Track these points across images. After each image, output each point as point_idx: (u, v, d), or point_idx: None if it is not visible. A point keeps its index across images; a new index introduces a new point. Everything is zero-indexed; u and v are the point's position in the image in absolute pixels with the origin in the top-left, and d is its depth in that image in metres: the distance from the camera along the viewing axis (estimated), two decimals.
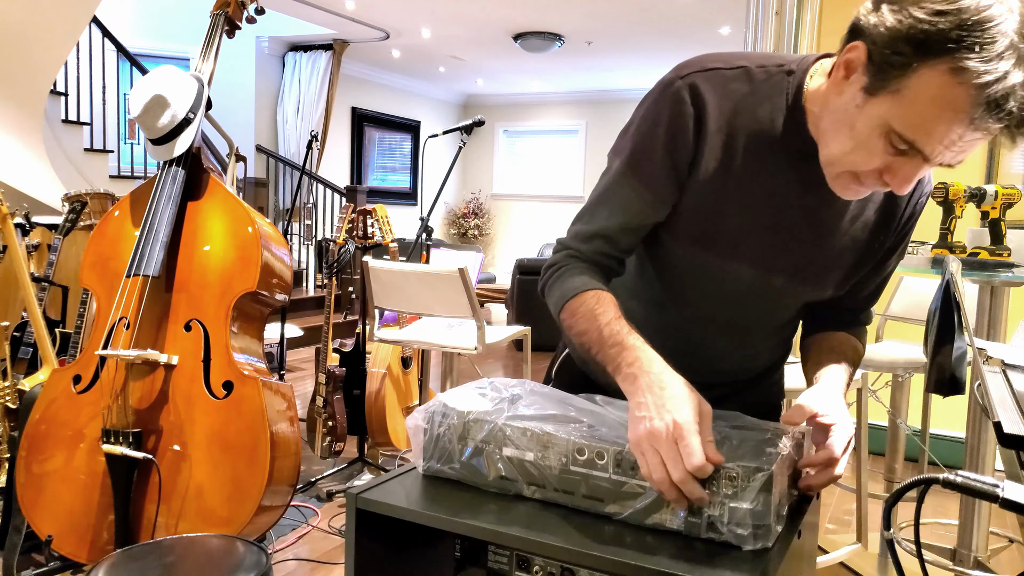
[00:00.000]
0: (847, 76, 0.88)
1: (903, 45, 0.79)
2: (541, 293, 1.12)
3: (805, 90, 0.97)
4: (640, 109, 1.03)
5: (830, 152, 0.93)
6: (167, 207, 2.15)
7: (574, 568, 0.88)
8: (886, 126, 0.84)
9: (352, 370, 3.27)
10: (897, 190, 0.90)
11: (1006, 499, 0.67)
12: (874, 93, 0.84)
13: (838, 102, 0.90)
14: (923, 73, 0.79)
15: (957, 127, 0.80)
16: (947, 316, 1.06)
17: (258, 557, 1.44)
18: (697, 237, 1.03)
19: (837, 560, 2.48)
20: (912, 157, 0.85)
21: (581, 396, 1.01)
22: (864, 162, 0.89)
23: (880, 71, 0.82)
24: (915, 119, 0.81)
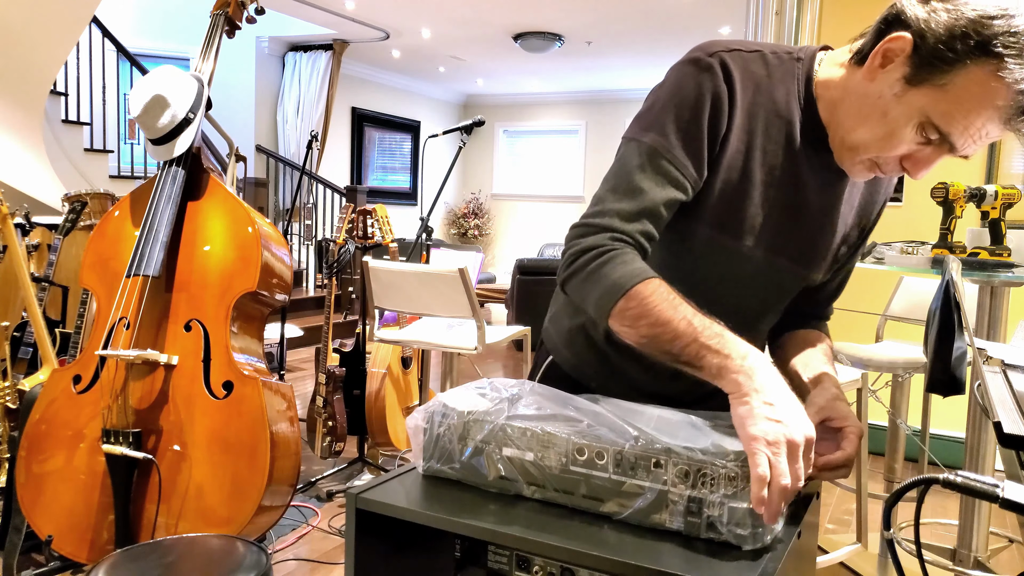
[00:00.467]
0: (883, 65, 0.90)
1: (957, 43, 0.84)
2: (564, 281, 1.00)
3: (815, 78, 1.01)
4: (668, 84, 1.01)
5: (857, 138, 0.95)
6: (167, 207, 2.15)
7: (574, 568, 0.88)
8: (924, 116, 0.88)
9: (352, 370, 3.27)
10: (914, 176, 0.94)
11: (1006, 499, 0.67)
12: (916, 84, 0.87)
13: (869, 88, 0.93)
14: (971, 70, 0.84)
15: (990, 124, 0.86)
16: (947, 316, 1.06)
17: (258, 557, 1.44)
18: (720, 217, 1.03)
19: (837, 560, 2.48)
20: (938, 147, 0.90)
21: (582, 396, 1.01)
22: (891, 148, 0.92)
23: (927, 63, 0.86)
24: (955, 113, 0.86)
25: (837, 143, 1.00)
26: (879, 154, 0.94)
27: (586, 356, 1.18)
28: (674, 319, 0.90)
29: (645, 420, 0.93)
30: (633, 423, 0.90)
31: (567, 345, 1.21)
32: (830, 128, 1.00)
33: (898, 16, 0.89)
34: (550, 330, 1.26)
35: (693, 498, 0.81)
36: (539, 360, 1.28)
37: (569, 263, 0.98)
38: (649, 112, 1.01)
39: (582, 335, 1.18)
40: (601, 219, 0.98)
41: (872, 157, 0.95)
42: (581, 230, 0.99)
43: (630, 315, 0.92)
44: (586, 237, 0.98)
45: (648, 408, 1.00)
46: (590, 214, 1.00)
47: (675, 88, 1.00)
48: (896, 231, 3.46)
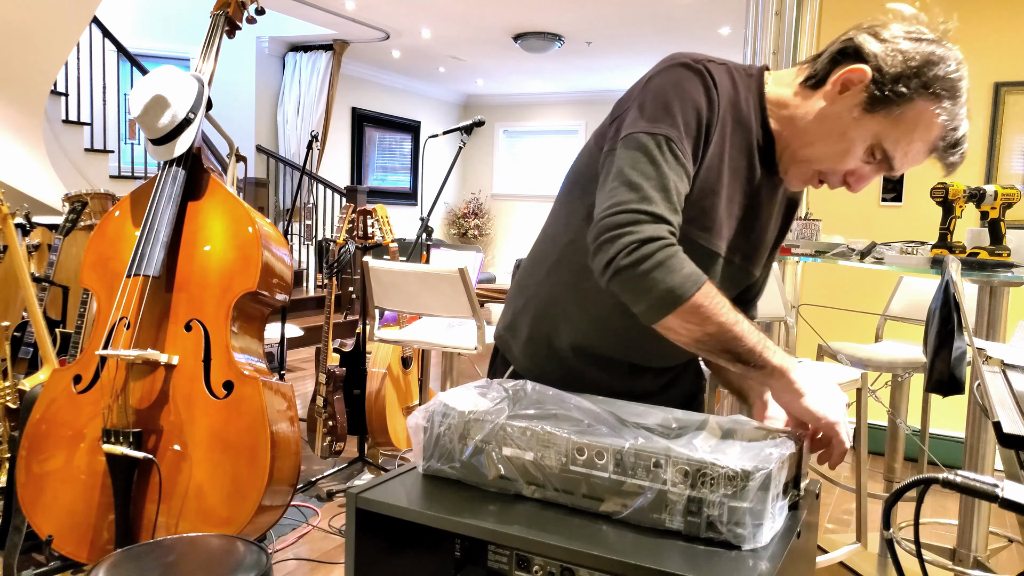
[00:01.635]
0: (843, 91, 1.03)
1: (909, 82, 0.98)
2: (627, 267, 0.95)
3: (766, 95, 1.11)
4: (668, 84, 1.05)
5: (814, 152, 1.07)
6: (167, 207, 2.15)
7: (574, 568, 0.88)
8: (876, 139, 1.01)
9: (352, 370, 3.27)
10: (854, 190, 1.08)
11: (1005, 499, 0.68)
12: (872, 111, 1.00)
13: (828, 111, 1.05)
14: (917, 105, 0.99)
15: (923, 152, 1.02)
16: (947, 316, 1.06)
17: (258, 557, 1.44)
18: (695, 214, 1.07)
19: (837, 560, 2.48)
20: (878, 165, 1.04)
21: (582, 395, 1.01)
22: (843, 164, 1.05)
23: (883, 96, 0.99)
24: (901, 140, 1.01)
25: (787, 156, 1.10)
26: (831, 167, 1.06)
27: (547, 365, 1.20)
28: (737, 322, 0.97)
29: (646, 420, 0.93)
30: (633, 423, 0.90)
31: (527, 355, 1.23)
32: (780, 141, 1.11)
33: (857, 50, 1.01)
34: (507, 339, 1.27)
35: (693, 498, 0.81)
36: (499, 370, 1.29)
37: (632, 250, 0.94)
38: (654, 107, 1.04)
39: (544, 344, 1.20)
40: (652, 207, 0.97)
41: (821, 169, 1.07)
42: (634, 216, 0.96)
43: (699, 316, 0.95)
44: (644, 225, 0.96)
45: (651, 408, 1.00)
46: (634, 200, 0.97)
47: (677, 88, 1.05)
48: (896, 231, 3.46)
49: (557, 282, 1.17)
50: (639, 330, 1.03)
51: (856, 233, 3.27)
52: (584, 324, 1.15)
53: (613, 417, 0.93)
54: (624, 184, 0.99)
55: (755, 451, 0.84)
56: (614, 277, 0.96)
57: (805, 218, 2.98)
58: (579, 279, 1.12)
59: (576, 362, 1.17)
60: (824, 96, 1.04)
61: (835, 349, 2.65)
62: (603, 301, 1.10)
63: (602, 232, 0.97)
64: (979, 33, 3.53)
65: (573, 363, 1.18)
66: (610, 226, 0.97)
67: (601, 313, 1.13)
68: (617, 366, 1.16)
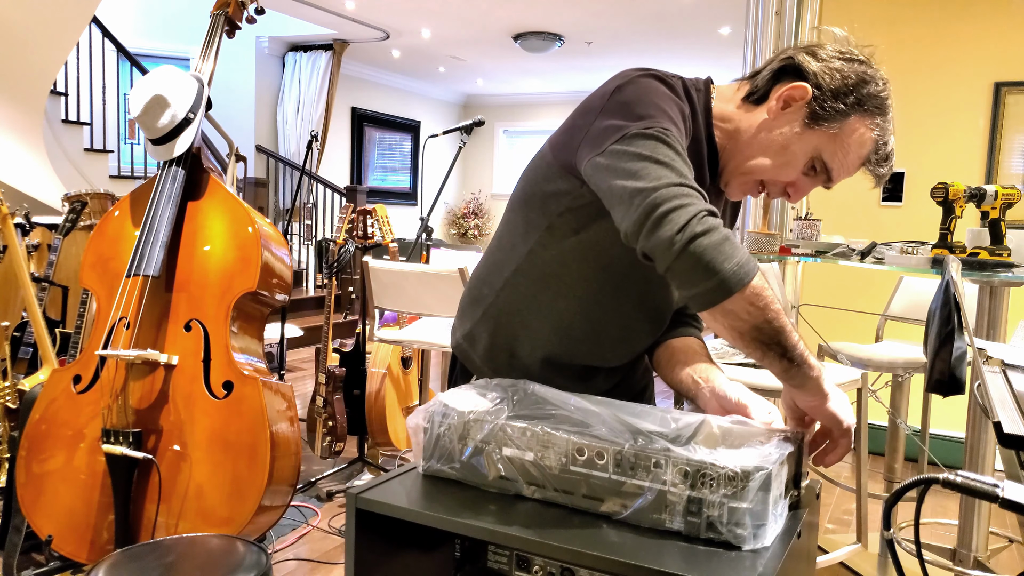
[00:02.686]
0: (785, 108, 1.08)
1: (846, 99, 1.05)
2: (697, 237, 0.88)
3: (713, 109, 1.15)
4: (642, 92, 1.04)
5: (757, 164, 1.11)
6: (167, 207, 2.15)
7: (574, 568, 0.88)
8: (816, 153, 1.07)
9: (352, 370, 3.27)
10: (794, 201, 1.14)
11: (1006, 499, 0.67)
12: (813, 127, 1.06)
13: (771, 124, 1.09)
14: (854, 122, 1.05)
15: (857, 164, 1.09)
16: (947, 316, 1.06)
17: (258, 557, 1.44)
18: None
19: (837, 560, 2.48)
20: (815, 177, 1.10)
21: (582, 395, 1.01)
22: (785, 176, 1.10)
23: (823, 111, 1.05)
24: (839, 153, 1.07)
25: (731, 168, 1.14)
26: (774, 179, 1.11)
27: (509, 373, 1.19)
28: (781, 314, 0.92)
29: (647, 420, 0.93)
30: (634, 423, 0.90)
31: (488, 364, 1.22)
32: (724, 154, 1.15)
33: (796, 68, 1.07)
34: (466, 349, 1.26)
35: (693, 498, 0.81)
36: (459, 380, 1.28)
37: (703, 216, 0.89)
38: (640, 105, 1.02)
39: (505, 353, 1.20)
40: (689, 190, 0.92)
41: (763, 179, 1.12)
42: (682, 190, 0.91)
43: (763, 299, 0.90)
44: (698, 199, 0.91)
45: (650, 409, 1.00)
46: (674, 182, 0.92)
47: (657, 92, 1.06)
48: (896, 231, 3.46)
49: (516, 293, 1.17)
50: (599, 334, 1.14)
51: (856, 233, 3.27)
52: (545, 334, 1.16)
53: (613, 417, 0.93)
54: (642, 176, 0.93)
55: (755, 451, 0.84)
56: (688, 246, 0.88)
57: (805, 218, 2.98)
58: (540, 290, 1.14)
59: (538, 369, 1.18)
60: (767, 111, 1.10)
61: (835, 349, 2.65)
62: (565, 310, 1.14)
63: (657, 205, 0.90)
64: (979, 33, 3.53)
65: (535, 371, 1.18)
66: (667, 197, 0.90)
67: (562, 323, 1.15)
68: (574, 370, 1.18)
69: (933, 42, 3.60)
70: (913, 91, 3.62)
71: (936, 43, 3.60)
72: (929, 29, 3.60)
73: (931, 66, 3.60)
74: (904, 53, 3.63)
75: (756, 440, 0.89)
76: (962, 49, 3.56)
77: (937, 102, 3.60)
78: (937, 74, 3.60)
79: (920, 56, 3.61)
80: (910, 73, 3.62)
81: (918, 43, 3.62)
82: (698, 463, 0.80)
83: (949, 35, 3.59)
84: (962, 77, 3.57)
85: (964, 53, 3.56)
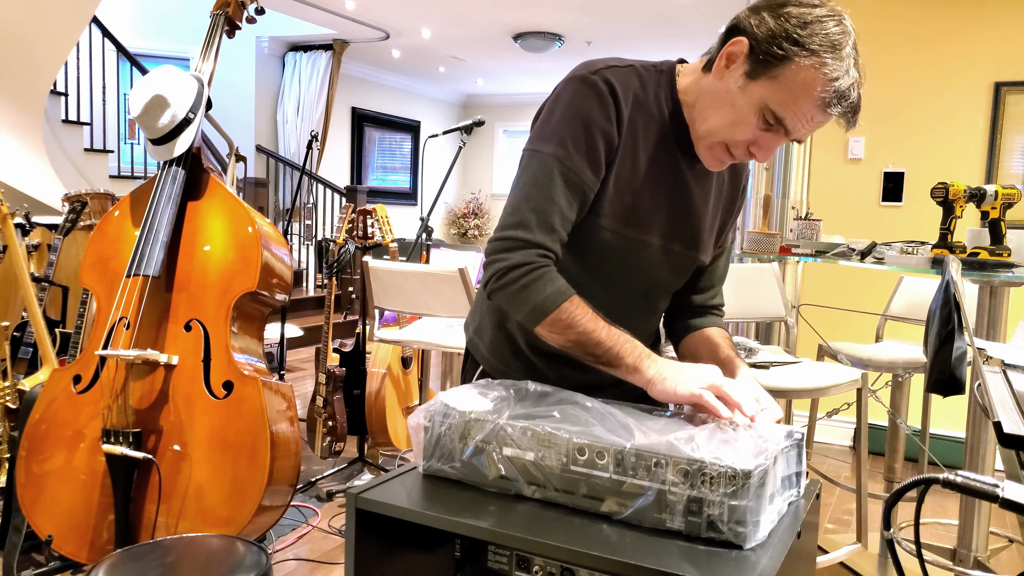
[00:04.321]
0: (728, 65, 1.09)
1: (783, 42, 1.03)
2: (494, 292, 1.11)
3: (678, 85, 1.18)
4: (559, 102, 1.14)
5: (710, 125, 1.13)
6: (167, 207, 2.15)
7: (574, 568, 0.88)
8: (762, 104, 1.06)
9: (352, 370, 3.27)
10: (760, 160, 1.12)
11: (1006, 499, 0.67)
12: (755, 78, 1.06)
13: (719, 86, 1.11)
14: (796, 64, 1.03)
15: (813, 110, 1.05)
16: (947, 316, 1.06)
17: (258, 557, 1.44)
18: (622, 214, 1.17)
19: (837, 560, 2.48)
20: (776, 132, 1.08)
21: (582, 394, 1.01)
22: (740, 134, 1.10)
23: (761, 61, 1.05)
24: (786, 100, 1.05)
25: (695, 136, 1.16)
26: (728, 139, 1.11)
27: (512, 362, 1.28)
28: (596, 330, 1.08)
29: (648, 418, 0.93)
30: (635, 423, 0.90)
31: (493, 353, 1.31)
32: (692, 127, 1.17)
33: (736, 26, 1.09)
34: (476, 341, 1.35)
35: (693, 498, 0.81)
36: (469, 372, 1.36)
37: (500, 276, 1.10)
38: (546, 125, 1.14)
39: (508, 343, 1.28)
40: (524, 233, 1.10)
41: (722, 141, 1.12)
42: (507, 243, 1.10)
43: (560, 326, 1.09)
44: (513, 252, 1.10)
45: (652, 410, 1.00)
46: (510, 225, 1.11)
47: (569, 104, 1.12)
48: (896, 231, 3.46)
49: None
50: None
51: (856, 233, 3.27)
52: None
53: (614, 416, 0.93)
54: (508, 207, 1.13)
55: (755, 449, 0.84)
56: (490, 296, 1.12)
57: (806, 218, 2.98)
58: None
59: (536, 360, 1.25)
60: (715, 73, 1.11)
61: (835, 349, 2.65)
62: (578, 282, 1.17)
63: (486, 255, 1.13)
64: (979, 33, 3.53)
65: (534, 361, 1.26)
66: (488, 251, 1.12)
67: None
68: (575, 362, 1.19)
69: (933, 42, 3.60)
70: (913, 91, 3.62)
71: (936, 43, 3.60)
72: (929, 29, 3.60)
73: (931, 66, 3.60)
74: (904, 53, 3.63)
75: (755, 438, 0.89)
76: (962, 49, 3.56)
77: (937, 102, 3.60)
78: (937, 74, 3.60)
79: (920, 56, 3.61)
80: (910, 73, 3.62)
81: (918, 43, 3.62)
82: (698, 462, 0.80)
83: (949, 35, 3.58)
84: (962, 77, 3.57)
85: (964, 53, 3.56)
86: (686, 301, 1.35)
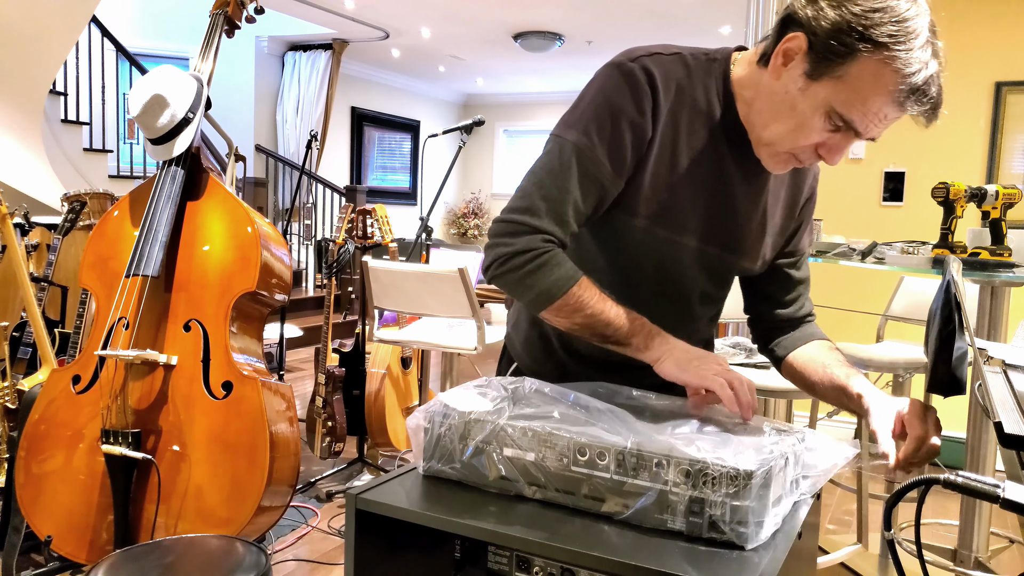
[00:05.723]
0: (785, 63, 0.98)
1: (845, 36, 0.91)
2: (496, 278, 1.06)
3: (732, 77, 1.08)
4: (591, 89, 1.08)
5: (772, 133, 1.03)
6: (166, 207, 2.15)
7: (574, 568, 0.87)
8: (827, 106, 0.96)
9: (352, 370, 3.27)
10: (830, 162, 1.02)
11: (1007, 499, 0.67)
12: (816, 78, 0.95)
13: (776, 86, 1.00)
14: (862, 61, 0.92)
15: (887, 108, 0.94)
16: (948, 316, 1.06)
17: (257, 558, 1.43)
18: (655, 212, 1.09)
19: (838, 560, 2.48)
20: (845, 133, 0.98)
21: (582, 393, 1.01)
22: (804, 139, 1.00)
23: (822, 58, 0.94)
24: (854, 100, 0.94)
25: (755, 139, 1.07)
26: (793, 147, 1.01)
27: (545, 363, 1.24)
28: (605, 311, 1.04)
29: (649, 417, 0.93)
30: (635, 424, 0.90)
31: (527, 351, 1.27)
32: (748, 124, 1.07)
33: (791, 17, 0.97)
34: (512, 337, 1.32)
35: (695, 498, 0.80)
36: (503, 367, 1.33)
37: (503, 262, 1.04)
38: (574, 112, 1.08)
39: (540, 342, 1.24)
40: (532, 219, 1.04)
41: (788, 150, 1.03)
42: (512, 227, 1.05)
43: (567, 310, 1.05)
44: (518, 236, 1.04)
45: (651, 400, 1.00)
46: (518, 209, 1.05)
47: (599, 91, 1.06)
48: (897, 231, 3.46)
49: None
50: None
51: (857, 233, 3.27)
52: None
53: (615, 415, 0.92)
54: (519, 189, 1.07)
55: (757, 448, 0.84)
56: (492, 282, 1.08)
57: None
58: None
59: (569, 361, 1.21)
60: (772, 72, 1.00)
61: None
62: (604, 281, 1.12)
63: (489, 236, 1.07)
64: (979, 33, 3.53)
65: (567, 362, 1.21)
66: (492, 233, 1.06)
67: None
68: (607, 365, 1.16)
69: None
70: None
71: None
72: None
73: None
74: None
75: (758, 438, 0.88)
76: (962, 49, 3.56)
77: None
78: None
79: None
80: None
81: None
82: (700, 462, 0.80)
83: (949, 35, 3.56)
84: (963, 77, 3.56)
85: (964, 53, 3.55)
86: (772, 320, 1.25)
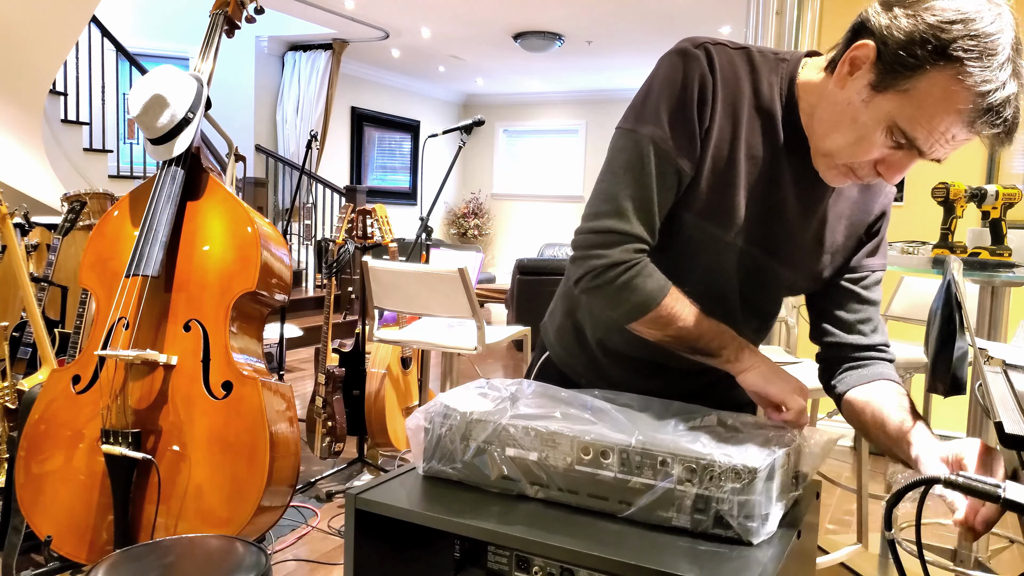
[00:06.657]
0: (851, 72, 0.92)
1: (916, 48, 0.85)
2: (590, 290, 1.03)
3: (798, 80, 1.03)
4: (656, 78, 1.02)
5: (831, 144, 0.97)
6: (166, 207, 2.15)
7: (574, 568, 0.87)
8: (890, 121, 0.89)
9: (352, 370, 3.27)
10: (889, 180, 0.96)
11: (1007, 499, 0.67)
12: (882, 90, 0.89)
13: (839, 95, 0.94)
14: (932, 76, 0.85)
15: (955, 128, 0.86)
16: (948, 316, 1.05)
17: (257, 558, 1.43)
18: (710, 209, 1.04)
19: (838, 560, 2.47)
20: (908, 151, 0.91)
21: (581, 392, 1.01)
22: (863, 153, 0.93)
23: (890, 70, 0.87)
24: (919, 117, 0.87)
25: (813, 148, 1.02)
26: (851, 160, 0.96)
27: (577, 354, 1.23)
28: (697, 323, 1.03)
29: (649, 416, 0.93)
30: (636, 422, 0.90)
31: (559, 341, 1.26)
32: (808, 132, 1.02)
33: (863, 24, 0.91)
34: (547, 325, 1.31)
35: (700, 495, 0.80)
36: (537, 355, 1.33)
37: (597, 274, 1.02)
38: (642, 104, 1.02)
39: (574, 333, 1.22)
40: (623, 224, 1.01)
41: (846, 163, 0.97)
42: (605, 237, 1.02)
43: (660, 322, 1.03)
44: (612, 248, 1.01)
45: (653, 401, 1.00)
46: (607, 214, 1.02)
47: (665, 80, 1.01)
48: (897, 231, 3.45)
49: None
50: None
51: None
52: (605, 320, 1.16)
53: (616, 414, 0.92)
54: (601, 192, 1.03)
55: (760, 446, 0.84)
56: (583, 294, 1.06)
57: None
58: None
59: (601, 357, 1.19)
60: (837, 80, 0.94)
61: None
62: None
63: (577, 247, 1.04)
64: None
65: (599, 357, 1.19)
66: (583, 244, 1.03)
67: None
68: (636, 364, 1.16)
69: None
70: None
71: None
72: None
73: None
74: None
75: (762, 435, 0.88)
76: None
77: None
78: None
79: None
80: None
81: None
82: (705, 459, 0.80)
83: None
84: None
85: None
86: (837, 349, 1.18)
